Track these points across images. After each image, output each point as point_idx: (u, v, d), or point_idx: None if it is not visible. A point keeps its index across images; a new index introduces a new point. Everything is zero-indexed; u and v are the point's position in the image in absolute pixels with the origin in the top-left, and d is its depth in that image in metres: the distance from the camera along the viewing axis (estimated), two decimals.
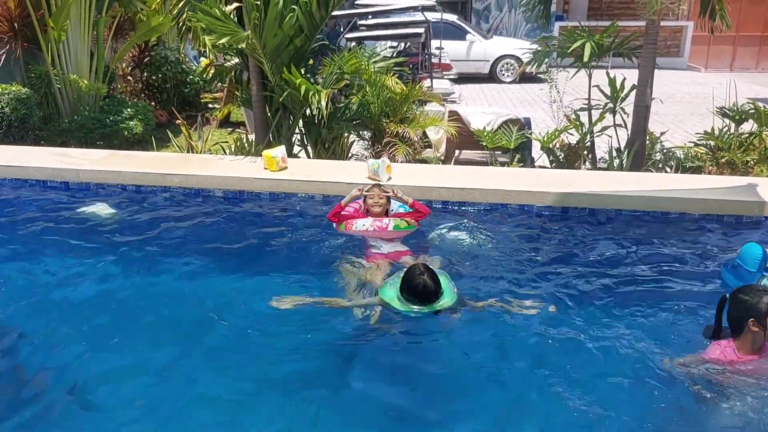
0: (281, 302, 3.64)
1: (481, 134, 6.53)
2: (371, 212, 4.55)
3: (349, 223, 4.52)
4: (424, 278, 3.35)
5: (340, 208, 4.57)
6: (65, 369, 3.26)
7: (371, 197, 4.53)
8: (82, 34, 8.29)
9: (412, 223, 4.52)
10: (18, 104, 7.47)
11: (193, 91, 10.55)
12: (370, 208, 4.55)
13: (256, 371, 3.25)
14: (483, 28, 18.05)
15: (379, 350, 3.42)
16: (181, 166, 5.75)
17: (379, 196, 4.53)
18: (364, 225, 4.49)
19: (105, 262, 4.41)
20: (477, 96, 13.27)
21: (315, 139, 6.79)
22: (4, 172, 5.70)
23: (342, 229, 4.56)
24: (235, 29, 5.70)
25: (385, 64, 6.89)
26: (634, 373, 3.09)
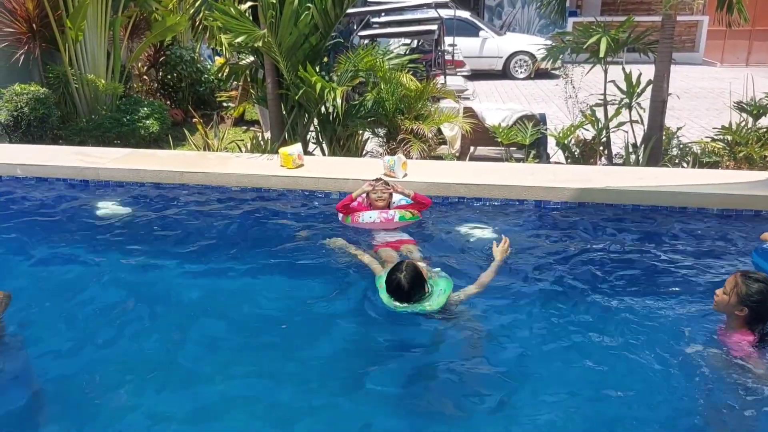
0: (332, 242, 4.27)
1: (496, 130, 6.52)
2: (374, 205, 4.67)
3: (356, 216, 4.66)
4: (401, 276, 3.35)
5: (351, 200, 4.70)
6: (80, 362, 3.31)
7: (374, 192, 4.66)
8: (99, 35, 8.37)
9: (416, 214, 4.66)
10: (37, 104, 7.57)
11: (208, 89, 10.63)
12: (374, 201, 4.68)
13: (272, 366, 3.28)
14: (496, 25, 17.99)
15: (393, 347, 3.46)
16: (199, 164, 5.80)
17: (383, 191, 4.66)
18: (371, 217, 4.61)
19: (124, 258, 4.47)
20: (490, 92, 13.24)
21: (330, 137, 6.82)
22: (25, 170, 5.78)
23: (348, 221, 4.69)
24: (252, 28, 5.74)
25: (399, 61, 6.90)
26: (653, 368, 3.09)
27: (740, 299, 2.98)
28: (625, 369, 3.11)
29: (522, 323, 3.55)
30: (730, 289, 3.02)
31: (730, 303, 3.02)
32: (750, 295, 2.96)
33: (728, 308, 3.05)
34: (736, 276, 3.05)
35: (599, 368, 3.13)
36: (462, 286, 3.63)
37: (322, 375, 3.20)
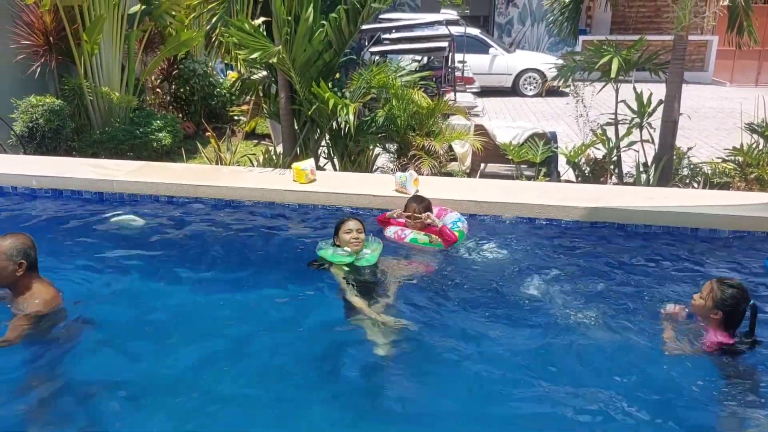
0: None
1: (507, 148, 6.56)
2: (408, 225, 4.70)
3: (387, 227, 4.77)
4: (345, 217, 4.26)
5: (384, 217, 4.87)
6: (94, 373, 3.34)
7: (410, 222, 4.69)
8: (114, 48, 8.48)
9: (436, 241, 4.54)
10: (52, 115, 7.66)
11: (220, 103, 10.72)
12: (408, 225, 4.69)
13: (284, 377, 3.31)
14: (505, 42, 18.11)
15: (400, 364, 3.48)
16: (212, 178, 5.85)
17: (414, 225, 4.65)
18: (389, 232, 4.71)
19: (136, 271, 4.50)
20: (500, 109, 13.30)
21: (341, 152, 6.87)
22: (40, 182, 5.84)
23: (383, 232, 4.80)
24: (266, 44, 5.81)
25: (411, 78, 6.96)
26: (661, 387, 3.10)
27: (715, 303, 3.26)
28: (635, 389, 3.11)
29: (528, 339, 3.56)
30: (707, 294, 3.30)
31: (706, 306, 3.30)
32: (724, 300, 3.24)
33: (704, 311, 3.33)
34: (713, 282, 3.33)
35: (608, 387, 3.14)
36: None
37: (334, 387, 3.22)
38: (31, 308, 3.33)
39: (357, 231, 4.23)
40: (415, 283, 4.19)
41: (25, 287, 3.41)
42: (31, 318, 3.29)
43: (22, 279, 3.40)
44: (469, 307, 3.90)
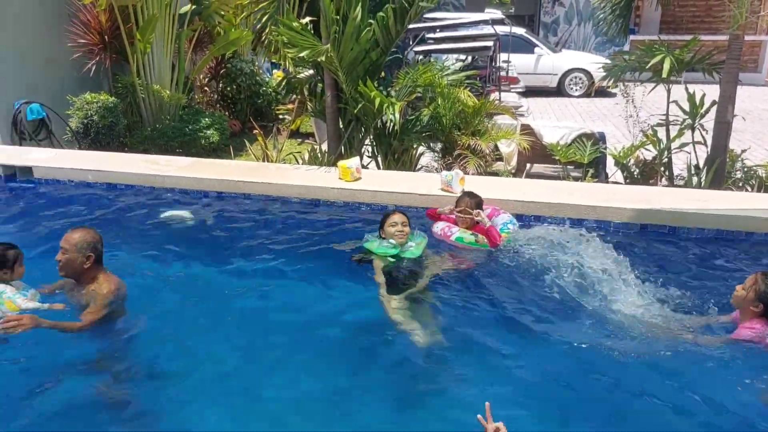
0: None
1: (554, 148, 6.48)
2: (458, 220, 4.71)
3: (435, 223, 4.80)
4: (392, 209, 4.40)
5: (434, 212, 4.91)
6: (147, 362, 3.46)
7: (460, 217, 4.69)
8: (166, 47, 8.69)
9: (482, 242, 4.52)
10: (106, 112, 7.90)
11: (266, 102, 10.87)
12: (458, 220, 4.69)
13: (325, 370, 3.38)
14: (551, 42, 17.87)
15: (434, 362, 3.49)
16: (260, 175, 5.95)
17: (464, 222, 4.64)
18: (437, 228, 4.72)
19: (186, 263, 4.62)
20: (544, 109, 13.14)
21: (385, 151, 6.90)
22: (96, 176, 6.04)
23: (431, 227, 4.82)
24: (315, 43, 5.87)
25: (456, 77, 6.94)
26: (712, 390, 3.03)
27: (758, 295, 3.30)
28: (688, 394, 3.06)
29: (569, 342, 3.52)
30: (749, 286, 3.35)
31: (747, 298, 3.34)
32: (767, 293, 3.28)
33: (745, 303, 3.36)
34: (757, 275, 3.37)
35: (656, 390, 3.08)
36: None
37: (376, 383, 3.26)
38: (99, 297, 3.46)
39: (402, 224, 4.32)
40: (455, 280, 4.20)
41: (92, 278, 3.56)
42: (101, 306, 3.44)
43: (89, 271, 3.54)
44: (509, 307, 3.89)
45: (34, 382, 3.23)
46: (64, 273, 3.53)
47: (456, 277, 4.26)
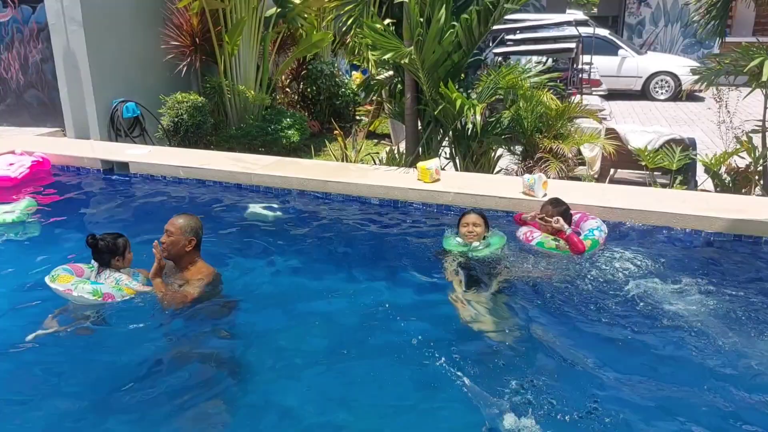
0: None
1: (641, 153, 6.27)
2: (540, 227, 4.64)
3: (520, 227, 4.78)
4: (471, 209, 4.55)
5: (519, 217, 4.88)
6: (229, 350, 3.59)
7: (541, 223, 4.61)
8: (251, 49, 9.00)
9: (563, 248, 4.42)
10: (195, 111, 8.25)
11: (344, 103, 11.05)
12: (540, 226, 4.62)
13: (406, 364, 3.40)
14: (636, 43, 17.26)
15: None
16: (340, 174, 6.06)
17: (545, 228, 4.56)
18: (520, 232, 4.69)
19: (269, 259, 4.75)
20: (628, 113, 12.72)
21: (464, 152, 6.87)
22: (187, 172, 6.33)
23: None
24: (398, 45, 5.92)
25: (539, 79, 6.83)
26: None
27: None
28: None
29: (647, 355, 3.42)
30: None
31: None
32: None
33: None
34: None
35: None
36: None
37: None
38: (198, 277, 3.71)
39: (473, 225, 4.45)
40: (531, 284, 4.15)
41: (190, 262, 3.79)
42: (200, 285, 3.68)
43: (189, 254, 3.77)
44: (586, 316, 3.78)
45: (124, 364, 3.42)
46: (167, 254, 3.76)
47: (533, 280, 4.20)
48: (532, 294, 4.05)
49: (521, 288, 4.12)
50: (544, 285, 4.15)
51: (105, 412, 3.06)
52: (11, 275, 4.44)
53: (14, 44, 8.46)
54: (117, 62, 8.27)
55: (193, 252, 3.83)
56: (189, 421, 3.04)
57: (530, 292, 4.07)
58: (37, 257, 4.75)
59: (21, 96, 8.69)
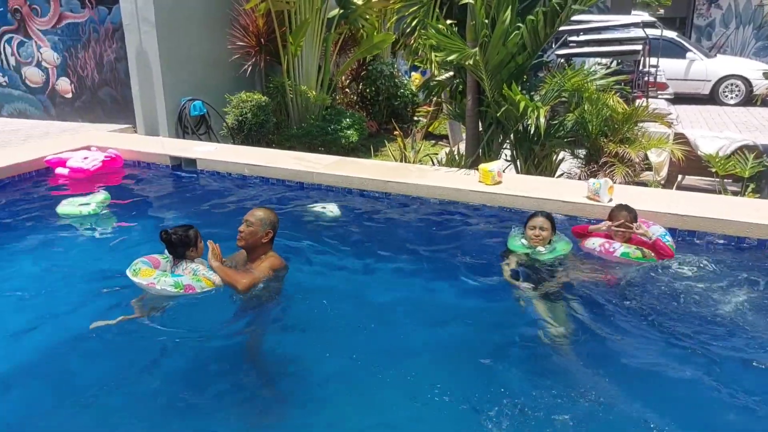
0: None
1: (711, 159, 6.06)
2: (614, 236, 4.47)
3: (586, 239, 4.56)
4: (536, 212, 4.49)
5: (585, 230, 4.62)
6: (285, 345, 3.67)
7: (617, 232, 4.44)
8: (314, 50, 9.13)
9: (649, 256, 4.28)
10: (258, 111, 8.43)
11: (403, 103, 11.08)
12: (614, 235, 4.46)
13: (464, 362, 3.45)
14: (705, 46, 16.67)
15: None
16: (401, 175, 6.09)
17: (621, 237, 4.42)
18: (593, 244, 4.48)
19: (329, 256, 4.81)
20: (695, 118, 12.30)
21: (525, 155, 6.79)
22: (251, 170, 6.49)
23: (579, 244, 4.62)
24: (463, 46, 5.91)
25: (605, 81, 6.68)
26: None
27: None
28: None
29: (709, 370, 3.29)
30: None
31: None
32: None
33: None
34: None
35: None
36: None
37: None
38: (267, 264, 3.84)
39: (540, 229, 4.38)
40: (593, 291, 4.08)
41: (263, 253, 3.93)
42: (265, 270, 3.81)
43: (264, 246, 3.92)
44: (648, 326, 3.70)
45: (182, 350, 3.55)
46: (243, 244, 3.89)
47: (593, 287, 4.14)
48: (591, 301, 3.98)
49: (581, 294, 4.06)
50: (604, 292, 4.09)
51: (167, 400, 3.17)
52: (85, 265, 4.65)
53: (90, 44, 8.85)
54: (186, 62, 8.54)
55: (268, 244, 3.96)
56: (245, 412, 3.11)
57: (590, 299, 4.01)
58: (110, 248, 4.99)
59: (96, 93, 9.08)
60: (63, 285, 4.29)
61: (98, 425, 3.02)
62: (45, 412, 3.08)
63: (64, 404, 3.13)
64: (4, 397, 3.19)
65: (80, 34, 8.88)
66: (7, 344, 3.60)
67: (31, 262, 4.72)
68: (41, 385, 3.28)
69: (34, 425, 3.01)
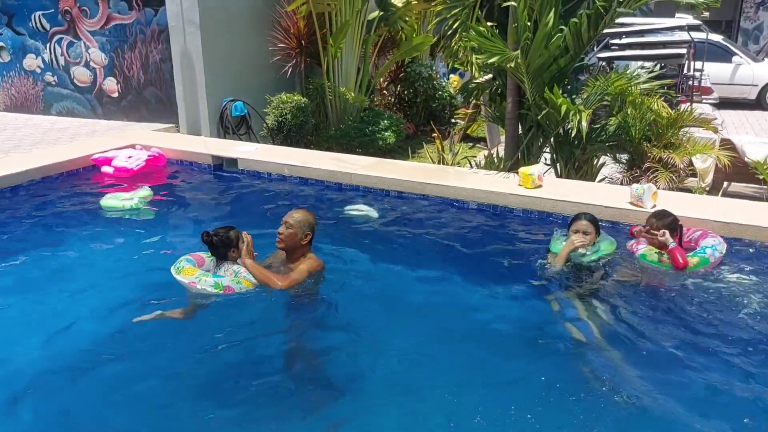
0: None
1: (759, 167, 5.90)
2: (646, 239, 4.48)
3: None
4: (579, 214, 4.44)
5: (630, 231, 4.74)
6: (322, 344, 3.73)
7: (646, 237, 4.45)
8: (353, 51, 9.18)
9: (666, 263, 4.23)
10: (298, 112, 8.50)
11: (440, 105, 11.05)
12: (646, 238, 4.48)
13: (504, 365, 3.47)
14: (751, 50, 16.22)
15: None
16: (439, 177, 6.08)
17: (651, 241, 4.39)
18: (629, 241, 4.58)
19: (366, 258, 4.84)
20: (740, 124, 11.98)
21: (566, 159, 6.71)
22: (291, 170, 6.56)
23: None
24: (504, 49, 5.87)
25: (650, 86, 6.56)
26: None
27: None
28: None
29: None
30: None
31: None
32: None
33: None
34: None
35: None
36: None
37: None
38: (305, 265, 3.89)
39: (584, 233, 4.34)
40: (632, 293, 4.08)
41: (302, 254, 3.97)
42: (304, 272, 3.86)
43: (303, 248, 3.96)
44: (684, 329, 3.67)
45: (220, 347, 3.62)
46: (283, 246, 3.93)
47: (635, 290, 4.14)
48: (632, 304, 3.96)
49: (622, 296, 4.05)
50: (646, 296, 4.06)
51: (209, 400, 3.22)
52: (126, 259, 4.79)
53: (137, 44, 9.07)
54: (228, 63, 8.68)
55: (307, 246, 4.00)
56: (284, 410, 3.15)
57: (630, 301, 3.99)
58: (150, 244, 5.11)
59: (141, 93, 9.30)
60: (106, 279, 4.42)
61: (136, 417, 3.09)
62: (84, 406, 3.16)
63: (102, 396, 3.22)
64: (47, 389, 3.28)
65: (127, 36, 9.11)
66: (54, 330, 3.71)
67: (77, 254, 4.87)
68: (85, 379, 3.36)
69: (77, 417, 3.09)
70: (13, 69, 10.22)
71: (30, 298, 4.16)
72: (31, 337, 3.68)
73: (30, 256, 4.79)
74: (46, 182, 6.53)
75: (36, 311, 4.00)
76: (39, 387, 3.27)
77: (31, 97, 10.20)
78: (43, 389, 3.26)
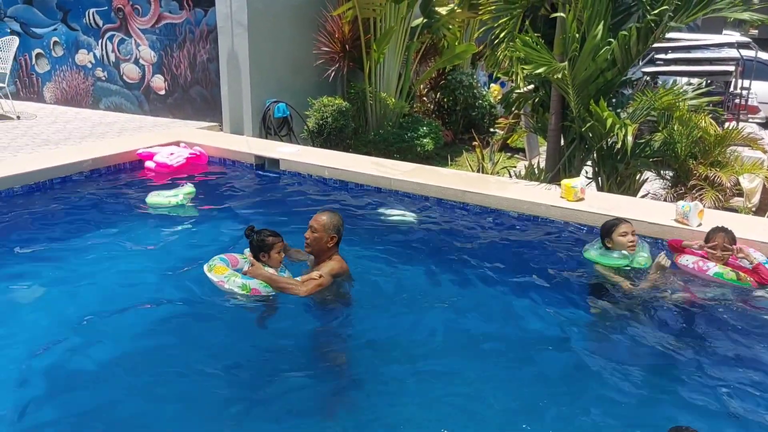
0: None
1: None
2: (710, 257, 4.38)
3: (680, 255, 4.53)
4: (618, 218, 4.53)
5: (678, 243, 4.62)
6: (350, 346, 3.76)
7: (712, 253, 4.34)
8: (396, 57, 9.24)
9: (746, 280, 4.15)
10: (338, 115, 8.58)
11: (480, 114, 11.03)
12: (710, 256, 4.37)
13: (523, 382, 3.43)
14: None
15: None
16: (479, 186, 6.07)
17: (716, 258, 4.31)
18: (686, 260, 4.44)
19: (402, 263, 4.85)
20: None
21: (609, 173, 6.64)
22: (331, 173, 6.62)
23: (674, 258, 4.54)
24: (551, 60, 5.85)
25: (697, 102, 6.46)
26: None
27: None
28: None
29: None
30: None
31: None
32: None
33: None
34: None
35: None
36: None
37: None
38: (328, 268, 3.91)
39: (632, 233, 4.37)
40: (675, 308, 4.06)
41: (328, 257, 3.99)
42: (328, 274, 3.88)
43: (330, 250, 3.98)
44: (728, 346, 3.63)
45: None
46: (310, 250, 3.97)
47: (674, 302, 4.13)
48: (674, 318, 3.96)
49: (664, 310, 4.04)
50: (687, 310, 4.07)
51: (232, 396, 3.28)
52: (165, 254, 4.89)
53: (186, 44, 9.27)
54: (273, 64, 8.81)
55: (334, 248, 4.01)
56: (309, 410, 3.20)
57: (672, 315, 3.99)
58: (191, 240, 5.22)
59: (187, 91, 9.49)
60: (147, 273, 4.52)
61: (166, 408, 3.17)
62: (118, 400, 3.23)
63: (140, 389, 3.30)
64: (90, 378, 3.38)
65: (177, 35, 9.32)
66: (98, 325, 3.82)
67: (121, 248, 4.96)
68: (121, 371, 3.44)
69: (114, 407, 3.17)
70: (65, 63, 10.53)
71: (69, 290, 4.25)
72: (70, 327, 3.77)
73: (73, 250, 4.89)
74: (95, 175, 6.73)
75: (76, 303, 4.08)
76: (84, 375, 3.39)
77: (81, 91, 10.50)
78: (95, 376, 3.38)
